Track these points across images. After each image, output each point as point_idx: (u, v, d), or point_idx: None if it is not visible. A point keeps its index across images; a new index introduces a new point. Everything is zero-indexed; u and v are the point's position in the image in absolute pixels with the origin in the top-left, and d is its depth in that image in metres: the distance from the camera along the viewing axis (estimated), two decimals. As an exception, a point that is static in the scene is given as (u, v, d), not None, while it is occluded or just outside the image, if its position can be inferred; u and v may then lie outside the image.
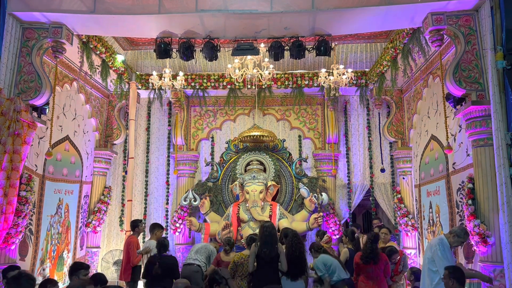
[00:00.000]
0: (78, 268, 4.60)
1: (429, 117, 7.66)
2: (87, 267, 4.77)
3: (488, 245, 5.46)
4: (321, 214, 8.24)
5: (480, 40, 5.85)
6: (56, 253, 7.37)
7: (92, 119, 8.80)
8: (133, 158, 8.80)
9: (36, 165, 6.72)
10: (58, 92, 7.09)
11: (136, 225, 7.17)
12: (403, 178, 9.00)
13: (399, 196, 8.95)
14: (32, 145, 6.17)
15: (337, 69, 7.17)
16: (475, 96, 5.73)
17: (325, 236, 7.33)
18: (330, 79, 7.23)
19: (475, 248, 5.65)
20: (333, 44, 6.78)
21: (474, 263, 5.89)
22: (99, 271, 8.44)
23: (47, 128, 6.64)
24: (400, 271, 6.68)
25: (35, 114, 6.19)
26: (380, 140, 9.37)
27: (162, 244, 6.20)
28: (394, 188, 9.20)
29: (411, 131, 8.71)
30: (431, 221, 7.53)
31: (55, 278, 7.26)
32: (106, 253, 8.90)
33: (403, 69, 7.54)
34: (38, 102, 6.13)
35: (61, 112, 7.50)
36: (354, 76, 7.90)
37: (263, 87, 8.98)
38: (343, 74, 7.16)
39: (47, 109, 6.41)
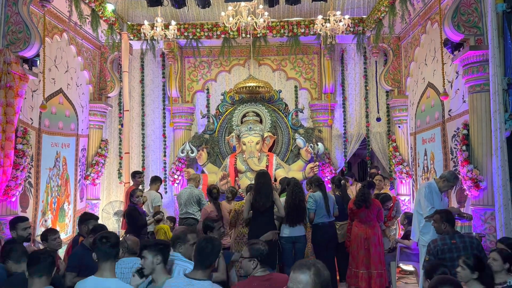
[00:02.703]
0: (88, 219, 4.81)
1: (426, 64, 7.57)
2: (96, 218, 4.98)
3: (480, 189, 5.59)
4: (317, 163, 8.37)
5: (480, -18, 5.68)
6: (56, 205, 7.50)
7: (85, 72, 8.65)
8: (128, 110, 8.78)
9: (31, 119, 6.68)
10: (48, 43, 6.92)
11: (133, 177, 7.47)
12: (399, 126, 9.03)
13: (394, 144, 9.01)
14: (25, 98, 6.10)
15: (334, 15, 6.99)
16: (473, 41, 5.65)
17: None
18: (326, 27, 7.05)
19: (467, 192, 5.79)
20: (329, -12, 6.57)
21: (466, 206, 6.05)
22: (100, 221, 8.64)
23: (39, 80, 6.53)
24: (393, 217, 6.90)
25: (26, 66, 6.05)
26: (377, 89, 9.29)
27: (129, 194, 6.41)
28: (390, 137, 9.26)
29: (408, 79, 8.63)
30: (425, 168, 7.65)
31: (57, 228, 7.44)
32: (106, 204, 9.06)
33: (401, 15, 7.33)
34: (28, 53, 5.98)
35: (53, 64, 7.35)
36: (351, 23, 7.70)
37: (258, 36, 8.79)
38: (340, 21, 6.97)
39: (38, 61, 6.28)
